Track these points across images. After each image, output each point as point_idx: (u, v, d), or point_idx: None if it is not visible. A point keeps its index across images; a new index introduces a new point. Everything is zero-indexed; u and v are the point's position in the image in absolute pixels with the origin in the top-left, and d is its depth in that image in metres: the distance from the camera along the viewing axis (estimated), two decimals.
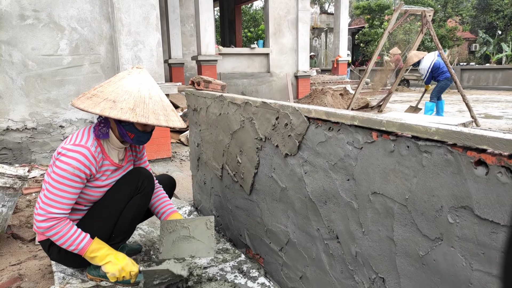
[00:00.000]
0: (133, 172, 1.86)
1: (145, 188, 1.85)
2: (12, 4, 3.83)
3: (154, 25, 4.24)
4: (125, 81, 1.66)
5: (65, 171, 1.59)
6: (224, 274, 1.96)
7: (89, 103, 1.59)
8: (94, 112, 1.56)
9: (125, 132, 1.72)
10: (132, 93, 1.63)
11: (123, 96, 1.61)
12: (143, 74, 1.71)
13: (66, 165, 1.59)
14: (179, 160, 4.69)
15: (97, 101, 1.60)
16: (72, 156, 1.60)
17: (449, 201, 0.97)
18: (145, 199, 1.87)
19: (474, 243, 0.92)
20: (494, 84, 14.87)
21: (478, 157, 0.89)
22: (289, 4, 10.03)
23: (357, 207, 1.28)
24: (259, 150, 1.83)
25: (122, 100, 1.60)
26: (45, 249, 1.81)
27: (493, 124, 7.06)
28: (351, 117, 1.23)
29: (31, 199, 3.14)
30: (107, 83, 1.68)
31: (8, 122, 3.97)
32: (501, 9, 21.01)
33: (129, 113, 1.58)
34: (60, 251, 1.75)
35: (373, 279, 1.26)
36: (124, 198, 1.79)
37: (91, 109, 1.57)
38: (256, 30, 23.08)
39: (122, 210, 1.79)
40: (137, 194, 1.82)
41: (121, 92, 1.62)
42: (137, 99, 1.62)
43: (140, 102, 1.62)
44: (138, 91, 1.64)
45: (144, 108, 1.62)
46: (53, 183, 1.60)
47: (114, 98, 1.60)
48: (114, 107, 1.58)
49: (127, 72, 1.71)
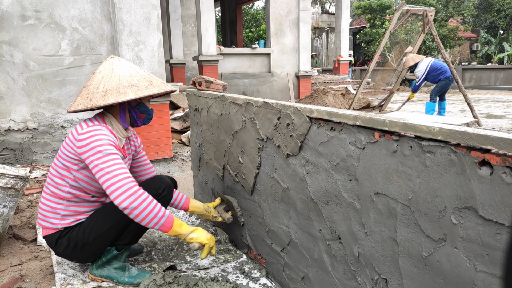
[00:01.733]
0: (155, 179, 1.92)
1: (165, 196, 1.88)
2: (13, 5, 3.83)
3: (155, 25, 4.24)
4: (119, 70, 1.75)
5: (103, 145, 1.62)
6: (225, 274, 1.95)
7: (114, 96, 1.67)
8: (129, 99, 1.67)
9: (138, 115, 1.85)
10: (137, 75, 1.76)
11: (134, 79, 1.72)
12: (122, 60, 1.82)
13: (100, 140, 1.62)
14: (181, 161, 4.69)
15: (119, 91, 1.68)
16: (97, 133, 1.64)
17: (452, 202, 0.96)
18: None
19: (478, 244, 0.91)
20: (496, 84, 14.83)
21: (482, 157, 0.88)
22: (290, 4, 10.02)
23: (359, 207, 1.27)
24: (261, 150, 1.83)
25: (137, 82, 1.72)
26: (50, 243, 1.80)
27: (495, 124, 7.04)
28: (353, 117, 1.23)
29: (32, 200, 3.14)
30: (104, 79, 1.73)
31: (10, 123, 3.97)
32: (502, 8, 20.95)
33: (153, 87, 1.75)
34: (69, 245, 1.76)
35: (375, 280, 1.26)
36: None
37: (124, 98, 1.67)
38: (257, 30, 23.07)
39: None
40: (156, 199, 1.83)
41: (129, 78, 1.72)
42: (146, 77, 1.78)
43: (149, 77, 1.78)
44: (137, 72, 1.78)
45: (156, 80, 1.81)
46: (104, 159, 1.59)
47: (129, 83, 1.71)
48: (140, 88, 1.70)
49: (109, 63, 1.78)
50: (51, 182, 1.77)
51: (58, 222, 1.76)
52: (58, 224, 1.76)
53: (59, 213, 1.76)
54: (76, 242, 1.75)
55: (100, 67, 1.79)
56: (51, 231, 1.78)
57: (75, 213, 1.77)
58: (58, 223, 1.76)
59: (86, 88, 1.75)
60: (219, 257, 2.15)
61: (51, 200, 1.76)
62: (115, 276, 1.84)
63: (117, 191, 1.56)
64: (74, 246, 1.75)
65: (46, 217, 1.77)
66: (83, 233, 1.74)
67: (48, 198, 1.77)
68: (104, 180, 1.58)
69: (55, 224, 1.76)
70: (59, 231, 1.77)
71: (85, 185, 1.74)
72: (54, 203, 1.76)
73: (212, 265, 2.06)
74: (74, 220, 1.77)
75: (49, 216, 1.77)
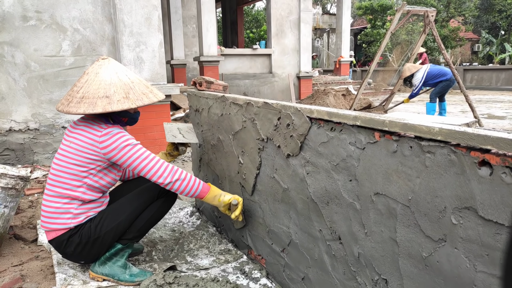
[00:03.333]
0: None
1: (172, 195, 1.98)
2: (14, 6, 3.84)
3: (156, 26, 4.24)
4: (102, 75, 1.75)
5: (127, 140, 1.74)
6: (226, 275, 1.95)
7: (85, 106, 1.69)
8: (96, 113, 1.68)
9: (119, 118, 1.87)
10: (116, 83, 1.75)
11: (111, 89, 1.72)
12: (112, 63, 1.81)
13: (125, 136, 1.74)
14: (181, 161, 4.69)
15: (91, 102, 1.69)
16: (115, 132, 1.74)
17: (452, 202, 0.96)
18: (166, 204, 1.98)
19: (478, 244, 0.91)
20: (497, 84, 14.80)
21: (482, 158, 0.88)
22: (291, 5, 10.02)
23: (359, 208, 1.27)
24: (261, 151, 1.83)
25: (112, 93, 1.72)
26: (61, 244, 1.79)
27: (496, 124, 7.03)
28: (353, 117, 1.23)
29: (33, 200, 3.14)
30: (86, 83, 1.75)
31: (11, 123, 3.98)
32: (504, 9, 20.92)
33: (126, 102, 1.73)
34: (81, 242, 1.78)
35: (375, 280, 1.25)
36: (149, 198, 1.90)
37: (92, 111, 1.68)
38: (258, 30, 23.08)
39: (144, 210, 1.89)
40: (161, 197, 1.93)
41: (107, 86, 1.73)
42: (123, 87, 1.76)
43: (128, 88, 1.77)
44: (119, 80, 1.77)
45: (134, 93, 1.78)
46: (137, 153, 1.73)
47: (104, 94, 1.71)
48: (111, 101, 1.70)
49: (97, 66, 1.79)
50: (59, 185, 1.76)
51: (70, 222, 1.77)
52: (70, 224, 1.77)
53: (72, 212, 1.77)
54: (88, 238, 1.78)
55: (89, 69, 1.80)
56: (60, 232, 1.78)
57: (86, 210, 1.80)
58: (70, 223, 1.77)
59: (71, 88, 1.80)
60: (220, 258, 2.15)
61: (60, 201, 1.77)
62: (116, 273, 1.85)
63: (159, 172, 1.74)
64: (86, 242, 1.78)
65: (54, 219, 1.77)
66: (95, 228, 1.78)
67: (56, 200, 1.77)
68: (143, 167, 1.73)
69: (67, 224, 1.77)
70: (69, 230, 1.78)
71: (104, 183, 1.82)
72: (65, 204, 1.76)
73: (213, 265, 2.06)
74: (85, 217, 1.80)
75: (59, 217, 1.77)
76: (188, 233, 2.46)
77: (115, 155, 1.73)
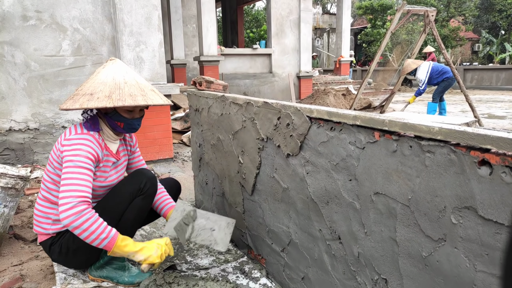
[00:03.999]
0: (136, 174, 1.86)
1: (148, 190, 1.82)
2: (14, 5, 3.84)
3: (156, 25, 4.24)
4: (100, 74, 1.74)
5: (79, 156, 1.62)
6: (226, 274, 1.95)
7: (70, 102, 1.67)
8: (74, 108, 1.63)
9: (114, 123, 1.77)
10: (107, 83, 1.70)
11: (99, 88, 1.69)
12: (116, 64, 1.78)
13: (78, 151, 1.63)
14: (181, 161, 4.69)
15: (76, 98, 1.67)
16: (80, 142, 1.65)
17: (452, 202, 0.96)
18: (147, 201, 1.84)
19: (478, 244, 0.91)
20: (497, 84, 14.80)
21: (482, 157, 0.87)
22: (291, 5, 10.02)
23: (359, 207, 1.27)
24: (261, 150, 1.83)
25: (98, 91, 1.67)
26: (46, 249, 1.82)
27: (496, 124, 7.02)
28: (353, 117, 1.22)
29: (33, 200, 3.14)
30: (86, 82, 1.76)
31: (11, 123, 3.98)
32: (504, 9, 20.91)
33: (105, 100, 1.65)
34: (61, 251, 1.76)
35: (375, 280, 1.25)
36: (126, 199, 1.77)
37: (71, 106, 1.64)
38: (258, 30, 23.07)
39: (124, 211, 1.77)
40: (139, 195, 1.79)
41: (97, 84, 1.70)
42: (112, 87, 1.69)
43: (115, 88, 1.68)
44: (112, 80, 1.72)
45: (120, 93, 1.68)
46: (71, 169, 1.59)
47: (91, 91, 1.68)
48: (91, 99, 1.65)
49: (102, 66, 1.79)
50: (44, 187, 1.78)
51: (49, 228, 1.77)
52: (49, 230, 1.76)
53: (51, 218, 1.76)
54: (68, 248, 1.74)
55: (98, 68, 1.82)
56: (44, 237, 1.78)
57: None
58: (49, 228, 1.77)
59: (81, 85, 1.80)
60: (219, 257, 2.15)
61: (44, 205, 1.78)
62: (114, 276, 1.84)
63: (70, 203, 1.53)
64: (66, 252, 1.75)
65: (39, 222, 1.79)
66: (73, 238, 1.69)
67: (41, 203, 1.79)
68: (65, 184, 1.57)
69: (47, 229, 1.77)
70: (51, 237, 1.77)
71: None
72: (47, 207, 1.77)
73: (212, 265, 2.06)
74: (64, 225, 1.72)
75: (42, 221, 1.78)
76: None
77: (62, 158, 1.64)
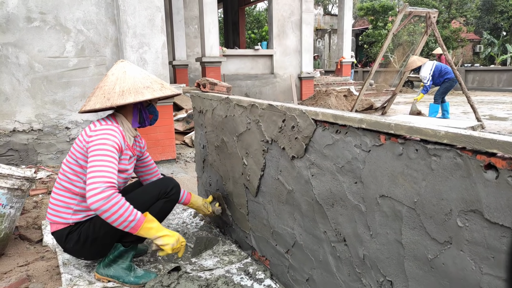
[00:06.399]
0: (165, 179, 2.04)
1: (172, 195, 1.97)
2: (19, 7, 3.86)
3: (159, 27, 4.26)
4: (132, 73, 1.87)
5: (105, 145, 1.70)
6: (230, 276, 1.96)
7: (133, 96, 1.78)
8: (148, 99, 1.80)
9: (147, 115, 1.95)
10: (149, 77, 1.89)
11: (147, 81, 1.86)
12: (131, 63, 1.94)
13: (105, 140, 1.71)
14: (184, 162, 4.70)
15: (137, 91, 1.79)
16: (107, 132, 1.74)
17: (458, 205, 0.97)
18: (169, 204, 1.98)
19: (484, 247, 0.92)
20: (499, 85, 14.79)
21: (488, 161, 0.89)
22: (293, 6, 10.03)
23: (364, 210, 1.28)
24: (266, 153, 1.84)
25: (150, 84, 1.86)
26: (60, 238, 1.83)
27: (498, 125, 7.02)
28: (359, 120, 1.23)
29: (37, 201, 3.16)
30: (118, 80, 1.82)
31: (15, 124, 4.00)
32: (505, 10, 20.89)
33: (165, 89, 1.89)
34: (79, 240, 1.79)
35: (381, 282, 1.26)
36: (151, 198, 1.90)
37: (141, 98, 1.78)
38: (259, 31, 23.09)
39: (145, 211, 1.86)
40: (163, 198, 1.93)
41: (142, 80, 1.85)
42: (156, 80, 1.91)
43: (159, 80, 1.93)
44: (148, 75, 1.91)
45: (165, 83, 1.93)
46: (98, 157, 1.66)
47: (144, 85, 1.83)
48: (155, 89, 1.84)
49: (121, 67, 1.88)
50: (64, 178, 1.82)
51: (70, 217, 1.80)
52: (69, 219, 1.80)
53: (72, 208, 1.80)
54: (87, 237, 1.79)
55: (112, 70, 1.88)
56: (61, 226, 1.81)
57: (86, 208, 1.82)
58: (70, 218, 1.80)
59: (100, 89, 1.83)
60: (224, 258, 2.16)
61: (64, 195, 1.81)
62: (121, 276, 1.86)
63: (98, 188, 1.58)
64: (85, 241, 1.80)
65: (57, 211, 1.81)
66: (93, 227, 1.79)
67: (61, 193, 1.82)
68: (93, 171, 1.62)
69: (67, 219, 1.80)
70: (69, 226, 1.81)
71: None
72: (67, 198, 1.81)
73: (217, 266, 2.07)
74: (85, 215, 1.82)
75: (61, 211, 1.81)
76: (191, 234, 2.47)
77: (89, 148, 1.70)
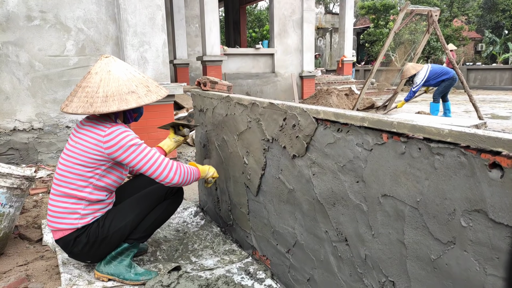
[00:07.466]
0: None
1: (178, 197, 2.04)
2: (19, 5, 3.85)
3: (160, 25, 4.24)
4: (116, 73, 1.77)
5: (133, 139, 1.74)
6: (230, 275, 1.95)
7: (116, 104, 1.71)
8: (131, 107, 1.73)
9: (131, 114, 1.95)
10: (133, 79, 1.79)
11: (133, 84, 1.77)
12: (117, 60, 1.84)
13: (127, 137, 1.73)
14: (185, 161, 4.69)
15: (120, 98, 1.72)
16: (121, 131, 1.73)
17: (462, 204, 0.95)
18: (173, 206, 2.02)
19: (488, 247, 0.91)
20: (500, 84, 14.73)
21: (492, 160, 0.87)
22: (294, 4, 10.00)
23: (366, 209, 1.27)
24: (266, 151, 1.82)
25: (135, 87, 1.77)
26: (68, 243, 1.80)
27: (500, 124, 6.99)
28: (360, 119, 1.22)
29: (37, 200, 3.15)
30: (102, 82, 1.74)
31: (15, 123, 3.99)
32: (507, 8, 20.79)
33: (151, 94, 1.81)
34: (88, 241, 1.79)
35: (382, 282, 1.25)
36: (157, 199, 1.95)
37: (125, 107, 1.71)
38: (260, 30, 23.05)
39: (151, 210, 1.93)
40: (168, 199, 1.99)
41: (127, 82, 1.77)
42: (142, 81, 1.82)
43: (144, 81, 1.83)
44: (134, 76, 1.81)
45: (152, 84, 1.86)
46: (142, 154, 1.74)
47: (129, 89, 1.75)
48: (140, 96, 1.76)
49: (105, 64, 1.79)
50: (64, 184, 1.77)
51: (77, 222, 1.78)
52: (77, 224, 1.78)
53: (79, 213, 1.78)
54: (96, 238, 1.79)
55: (96, 67, 1.78)
56: (68, 231, 1.79)
57: (93, 211, 1.81)
58: (77, 223, 1.78)
59: (83, 89, 1.74)
60: (224, 258, 2.15)
61: (67, 201, 1.77)
62: (121, 272, 1.86)
63: (164, 173, 1.76)
64: (94, 242, 1.80)
65: (62, 218, 1.78)
66: (102, 228, 1.80)
67: (63, 200, 1.78)
68: (148, 168, 1.75)
69: (74, 224, 1.78)
70: (77, 230, 1.79)
71: (110, 182, 1.83)
72: (72, 204, 1.77)
73: (217, 265, 2.06)
74: (92, 218, 1.81)
75: (66, 217, 1.77)
76: (192, 233, 2.46)
77: (120, 155, 1.72)
